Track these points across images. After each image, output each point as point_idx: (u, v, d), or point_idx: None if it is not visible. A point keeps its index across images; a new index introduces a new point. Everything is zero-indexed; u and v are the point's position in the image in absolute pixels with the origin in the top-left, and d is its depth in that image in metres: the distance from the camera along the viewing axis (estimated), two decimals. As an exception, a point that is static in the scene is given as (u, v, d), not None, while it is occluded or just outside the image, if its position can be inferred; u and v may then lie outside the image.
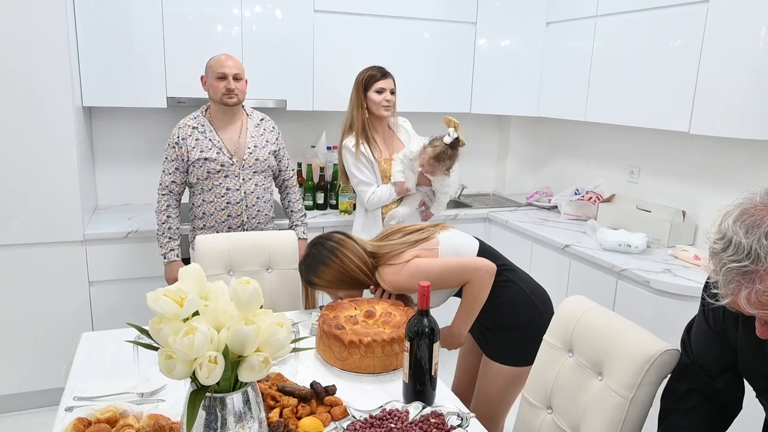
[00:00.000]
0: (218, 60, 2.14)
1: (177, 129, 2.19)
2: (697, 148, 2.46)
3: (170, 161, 2.19)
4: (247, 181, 2.23)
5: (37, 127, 2.23)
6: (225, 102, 2.15)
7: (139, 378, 1.36)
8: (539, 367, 1.41)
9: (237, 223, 2.25)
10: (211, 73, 2.13)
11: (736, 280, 0.82)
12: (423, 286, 1.28)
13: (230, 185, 2.20)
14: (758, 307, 0.82)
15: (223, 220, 2.23)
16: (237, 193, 2.21)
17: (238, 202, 2.22)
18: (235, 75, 2.14)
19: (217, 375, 0.89)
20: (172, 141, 2.18)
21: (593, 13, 2.64)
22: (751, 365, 1.02)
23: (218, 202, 2.21)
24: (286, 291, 2.03)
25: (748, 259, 0.81)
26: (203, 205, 2.22)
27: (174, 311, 0.89)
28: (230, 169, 2.19)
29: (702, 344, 1.11)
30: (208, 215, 2.23)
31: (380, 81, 2.32)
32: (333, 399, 1.27)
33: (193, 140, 2.17)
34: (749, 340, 0.99)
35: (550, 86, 2.97)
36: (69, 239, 2.36)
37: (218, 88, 2.13)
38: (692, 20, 2.14)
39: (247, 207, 2.24)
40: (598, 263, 2.30)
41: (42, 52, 2.18)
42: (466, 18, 3.04)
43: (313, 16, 2.74)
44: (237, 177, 2.21)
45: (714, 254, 0.86)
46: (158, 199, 2.22)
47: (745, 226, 0.82)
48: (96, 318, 2.47)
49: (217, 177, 2.18)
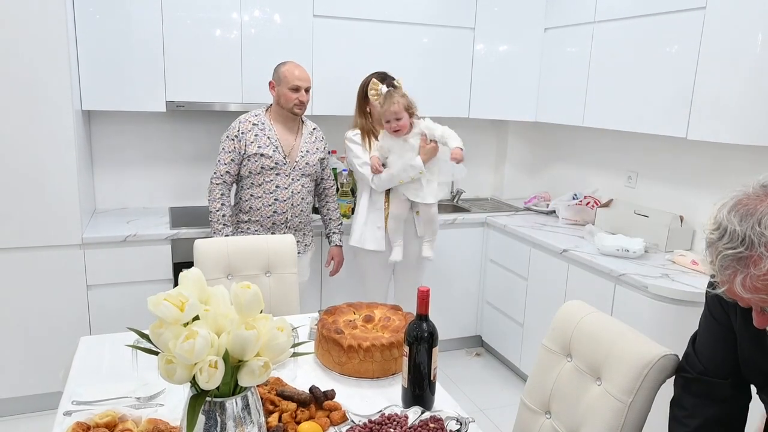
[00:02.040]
0: (291, 72, 2.26)
1: (237, 123, 2.30)
2: (694, 153, 2.47)
3: (227, 152, 2.28)
4: (295, 182, 2.33)
5: (37, 130, 2.23)
6: (295, 112, 2.30)
7: (138, 382, 1.36)
8: (538, 371, 1.41)
9: (282, 219, 2.35)
10: (285, 83, 2.26)
11: (731, 266, 0.85)
12: (422, 291, 1.28)
13: (280, 183, 2.31)
14: (753, 292, 0.85)
15: (269, 215, 2.33)
16: (285, 191, 2.32)
17: (285, 200, 2.33)
18: (307, 88, 2.29)
19: (218, 379, 0.89)
20: (231, 133, 2.28)
21: (591, 20, 2.65)
22: (749, 357, 1.03)
23: (267, 198, 2.31)
24: (284, 295, 2.04)
25: (742, 245, 0.84)
26: (251, 200, 2.32)
27: (175, 315, 0.89)
28: (282, 168, 2.31)
29: (710, 344, 1.10)
30: (255, 210, 2.32)
31: None
32: (332, 404, 1.27)
33: (253, 135, 2.28)
34: (748, 333, 1.01)
35: (548, 92, 2.98)
36: (67, 243, 2.36)
37: (291, 98, 2.27)
38: (689, 26, 2.15)
39: (293, 206, 2.35)
40: (596, 268, 2.31)
41: (41, 55, 2.18)
42: (465, 23, 3.06)
43: (312, 21, 2.75)
44: (287, 176, 2.32)
45: (710, 244, 0.89)
46: (212, 188, 2.30)
47: (739, 215, 0.86)
48: (94, 322, 2.46)
49: (269, 173, 2.29)
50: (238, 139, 2.27)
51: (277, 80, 2.29)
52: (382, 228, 2.40)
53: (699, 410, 1.10)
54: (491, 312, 3.10)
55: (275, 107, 2.34)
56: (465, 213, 3.14)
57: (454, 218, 3.00)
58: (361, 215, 2.45)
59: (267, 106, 2.38)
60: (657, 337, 2.02)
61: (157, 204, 2.97)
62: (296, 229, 2.40)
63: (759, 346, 1.00)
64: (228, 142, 2.29)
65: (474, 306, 3.19)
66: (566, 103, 2.84)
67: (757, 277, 0.83)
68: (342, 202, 2.83)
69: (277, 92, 2.29)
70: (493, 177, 3.69)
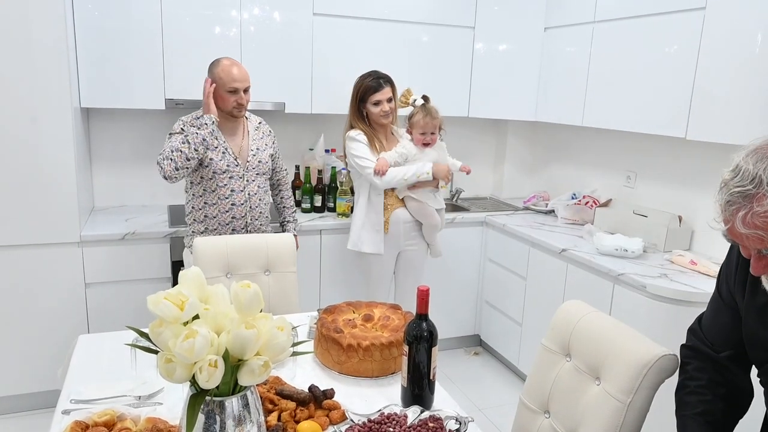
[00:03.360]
0: (228, 72, 2.09)
1: (181, 122, 2.13)
2: (693, 153, 2.48)
3: (177, 135, 2.08)
4: (250, 183, 2.24)
5: (35, 128, 2.22)
6: (234, 115, 2.16)
7: (137, 381, 1.36)
8: (537, 371, 1.41)
9: (241, 224, 2.25)
10: (222, 84, 2.10)
11: (737, 202, 0.90)
12: (422, 290, 1.28)
13: (235, 187, 2.20)
14: (752, 228, 0.89)
15: (227, 222, 2.22)
16: (241, 194, 2.22)
17: (243, 203, 2.22)
18: (246, 88, 2.14)
19: (217, 379, 0.89)
20: (176, 129, 2.12)
21: (591, 19, 2.65)
22: (753, 331, 1.06)
23: (222, 204, 2.20)
24: (284, 294, 2.03)
25: (751, 184, 0.89)
26: (205, 207, 2.21)
27: (174, 314, 0.89)
28: (235, 170, 2.19)
29: (711, 316, 1.17)
30: (210, 218, 2.21)
31: (376, 94, 2.33)
32: (331, 403, 1.27)
33: None
34: (754, 306, 1.05)
35: (548, 91, 2.98)
36: (65, 240, 2.35)
37: (229, 101, 2.12)
38: (689, 27, 2.15)
39: (251, 209, 2.25)
40: (594, 268, 2.31)
41: (40, 53, 2.17)
42: (465, 22, 3.05)
43: (311, 19, 2.75)
44: (241, 179, 2.21)
45: (723, 185, 0.94)
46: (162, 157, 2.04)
47: (755, 158, 0.91)
48: (92, 320, 2.46)
49: (221, 178, 2.17)
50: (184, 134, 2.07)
51: (213, 80, 2.11)
52: (381, 231, 2.39)
53: (701, 373, 1.15)
54: (490, 311, 3.10)
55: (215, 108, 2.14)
56: (464, 212, 3.14)
57: (454, 217, 3.00)
58: (358, 217, 2.44)
59: None
60: (655, 337, 2.02)
61: (156, 202, 2.96)
62: (258, 231, 2.29)
63: (763, 320, 1.04)
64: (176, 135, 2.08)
65: (473, 305, 3.19)
66: (566, 102, 2.84)
67: (758, 214, 0.87)
68: (341, 201, 2.83)
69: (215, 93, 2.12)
70: (493, 176, 3.69)
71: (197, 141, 2.07)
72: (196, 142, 2.06)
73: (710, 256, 2.35)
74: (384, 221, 2.39)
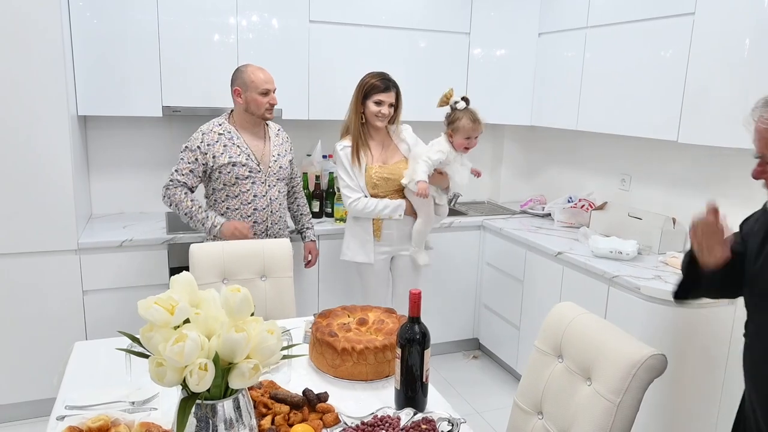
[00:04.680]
0: (257, 76, 2.16)
1: (201, 134, 2.18)
2: (685, 156, 2.49)
3: (186, 163, 2.17)
4: (272, 188, 2.28)
5: (32, 136, 2.24)
6: (266, 117, 2.22)
7: (132, 387, 1.36)
8: (530, 373, 1.42)
9: (262, 229, 2.28)
10: (254, 88, 2.16)
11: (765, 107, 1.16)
12: (414, 294, 1.29)
13: (257, 192, 2.24)
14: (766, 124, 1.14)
15: (249, 227, 2.24)
16: (263, 199, 2.25)
17: (264, 208, 2.26)
18: (274, 89, 2.21)
19: (208, 382, 0.90)
20: (193, 145, 2.17)
21: (584, 25, 2.67)
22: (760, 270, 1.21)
23: (245, 209, 2.23)
24: (280, 299, 2.04)
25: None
26: (227, 213, 2.23)
27: (165, 319, 0.90)
28: (257, 175, 2.23)
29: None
30: None
31: (381, 93, 2.30)
32: (325, 406, 1.27)
33: (221, 146, 2.18)
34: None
35: (543, 95, 3.00)
36: (63, 248, 2.36)
37: (262, 103, 2.18)
38: (679, 32, 2.17)
39: (272, 213, 2.29)
40: (590, 270, 2.32)
41: (37, 60, 2.19)
42: (460, 29, 3.08)
43: (308, 26, 2.77)
44: (263, 184, 2.25)
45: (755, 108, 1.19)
46: (170, 193, 2.17)
47: None
48: (90, 327, 2.47)
49: (244, 183, 2.21)
50: (201, 152, 2.16)
51: (243, 86, 2.17)
52: (371, 240, 2.39)
53: None
54: (488, 315, 3.10)
55: (242, 114, 2.22)
56: (462, 216, 3.15)
57: (451, 221, 3.01)
58: (348, 227, 2.45)
59: (227, 113, 2.27)
60: (650, 338, 2.03)
61: (154, 209, 2.97)
62: (276, 236, 2.33)
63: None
64: (188, 154, 2.16)
65: (471, 309, 3.19)
66: (560, 107, 2.86)
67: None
68: (339, 206, 2.85)
69: (245, 98, 2.18)
70: (490, 180, 3.71)
71: (196, 222, 2.19)
72: (195, 222, 2.19)
73: (705, 257, 2.36)
74: (376, 228, 2.40)
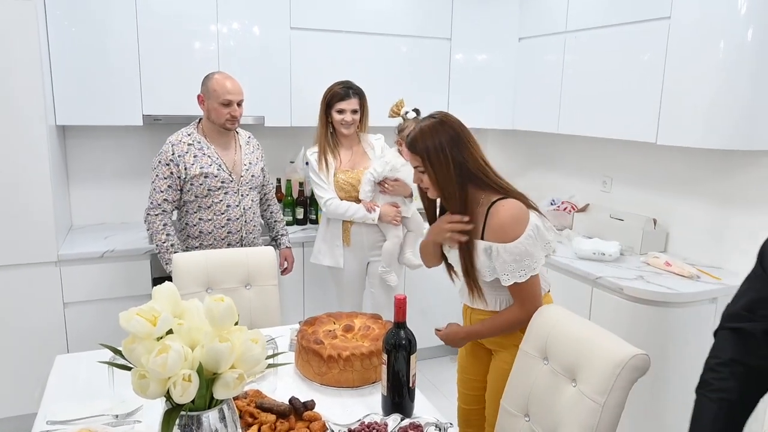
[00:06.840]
0: (222, 84, 2.11)
1: (170, 146, 2.14)
2: (664, 158, 2.54)
3: (162, 179, 2.12)
4: (245, 197, 2.26)
5: (9, 146, 2.20)
6: (227, 127, 2.18)
7: (115, 400, 1.34)
8: (516, 375, 1.43)
9: (236, 239, 2.26)
10: (215, 97, 2.11)
11: None
12: (399, 299, 1.29)
13: (230, 202, 2.21)
14: None
15: (223, 237, 2.23)
16: (237, 209, 2.23)
17: (238, 218, 2.24)
18: (239, 101, 2.16)
19: (192, 393, 0.89)
20: (165, 158, 2.12)
21: (563, 29, 2.72)
22: None
23: (218, 220, 2.20)
24: (265, 307, 2.03)
25: None
26: (200, 223, 2.20)
27: (147, 330, 0.89)
28: (230, 185, 2.20)
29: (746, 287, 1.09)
30: (206, 234, 2.21)
31: (342, 102, 2.34)
32: (312, 414, 1.27)
33: (191, 156, 2.14)
34: None
35: (524, 100, 3.04)
36: (43, 260, 2.32)
37: (222, 113, 2.13)
38: (655, 36, 2.22)
39: (246, 222, 2.27)
40: (574, 272, 2.35)
41: (13, 70, 2.15)
42: (441, 34, 3.10)
43: (289, 33, 2.77)
44: (236, 193, 2.22)
45: None
46: (151, 220, 2.14)
47: None
48: (72, 340, 2.42)
49: (217, 194, 2.18)
50: (174, 164, 2.11)
51: (206, 93, 2.14)
52: (341, 246, 2.41)
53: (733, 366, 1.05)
54: (474, 318, 3.11)
55: (207, 122, 2.19)
56: (446, 220, 3.16)
57: (435, 226, 3.01)
58: (319, 230, 2.49)
59: (196, 121, 2.24)
60: (633, 338, 2.05)
61: (136, 219, 2.93)
62: (252, 245, 2.31)
63: None
64: (162, 168, 2.11)
65: (458, 312, 3.19)
66: (541, 110, 2.90)
67: None
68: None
69: (207, 107, 2.14)
70: (473, 184, 3.73)
71: (161, 260, 2.19)
72: (160, 258, 2.19)
73: (685, 256, 2.41)
74: (345, 234, 2.40)
